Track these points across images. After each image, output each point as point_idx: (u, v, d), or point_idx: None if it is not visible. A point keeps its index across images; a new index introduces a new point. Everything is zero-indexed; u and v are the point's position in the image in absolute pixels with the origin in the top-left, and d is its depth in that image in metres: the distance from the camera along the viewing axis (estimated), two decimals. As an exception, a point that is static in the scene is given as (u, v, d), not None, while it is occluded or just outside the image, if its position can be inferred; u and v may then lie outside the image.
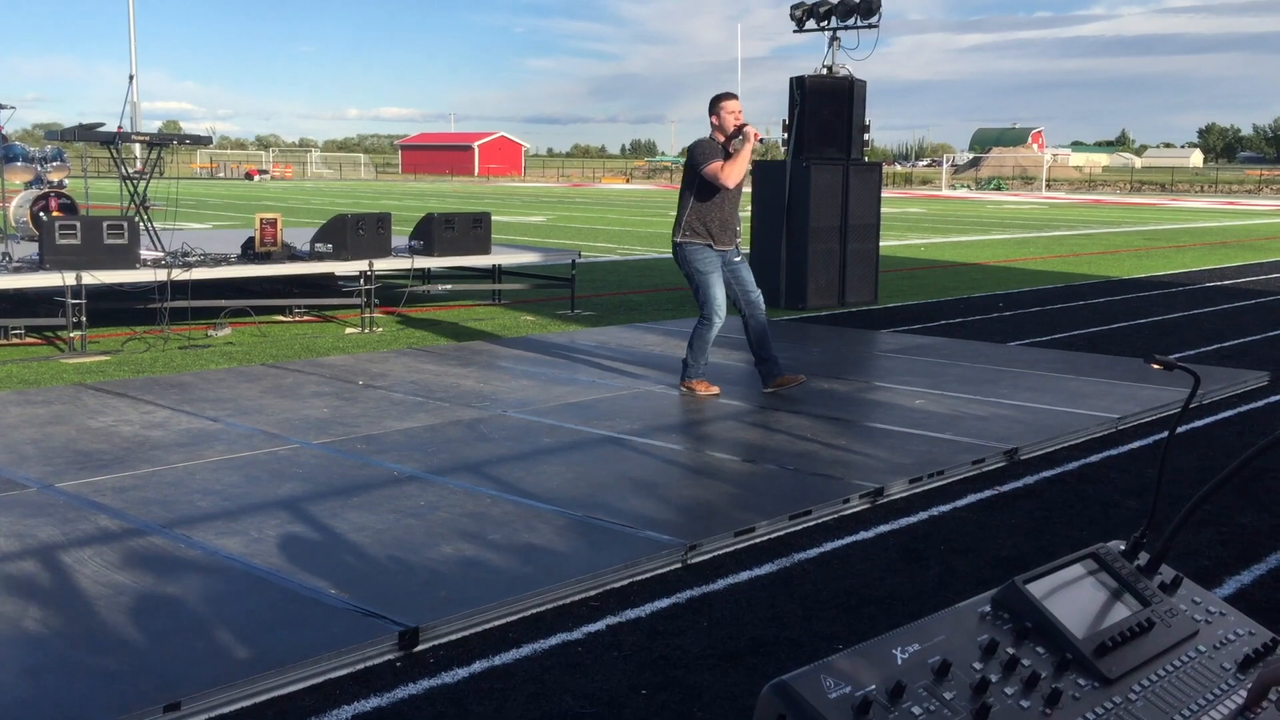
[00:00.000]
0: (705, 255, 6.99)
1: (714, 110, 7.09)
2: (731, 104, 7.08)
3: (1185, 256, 19.70)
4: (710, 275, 6.99)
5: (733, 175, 6.90)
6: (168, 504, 4.73)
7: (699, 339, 7.10)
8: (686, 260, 7.04)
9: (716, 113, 7.07)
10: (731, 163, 6.92)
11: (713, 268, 7.00)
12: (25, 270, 8.57)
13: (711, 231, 6.99)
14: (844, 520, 4.83)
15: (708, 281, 7.00)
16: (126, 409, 6.48)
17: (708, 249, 6.99)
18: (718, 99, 7.11)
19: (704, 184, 6.96)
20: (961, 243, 22.67)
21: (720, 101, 7.09)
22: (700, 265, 7.00)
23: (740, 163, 6.95)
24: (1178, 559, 1.73)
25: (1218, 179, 76.53)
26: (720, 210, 7.00)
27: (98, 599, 3.70)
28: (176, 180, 15.35)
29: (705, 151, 6.98)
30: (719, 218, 7.00)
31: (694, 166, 6.99)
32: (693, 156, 7.04)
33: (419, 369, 7.90)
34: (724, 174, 6.88)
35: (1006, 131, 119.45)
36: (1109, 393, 7.33)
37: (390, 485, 5.07)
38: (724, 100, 7.09)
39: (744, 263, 7.21)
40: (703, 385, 7.15)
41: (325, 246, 9.99)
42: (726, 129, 7.02)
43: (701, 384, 7.16)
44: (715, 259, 7.01)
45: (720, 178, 6.88)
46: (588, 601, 3.87)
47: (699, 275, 7.01)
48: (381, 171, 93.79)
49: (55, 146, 12.04)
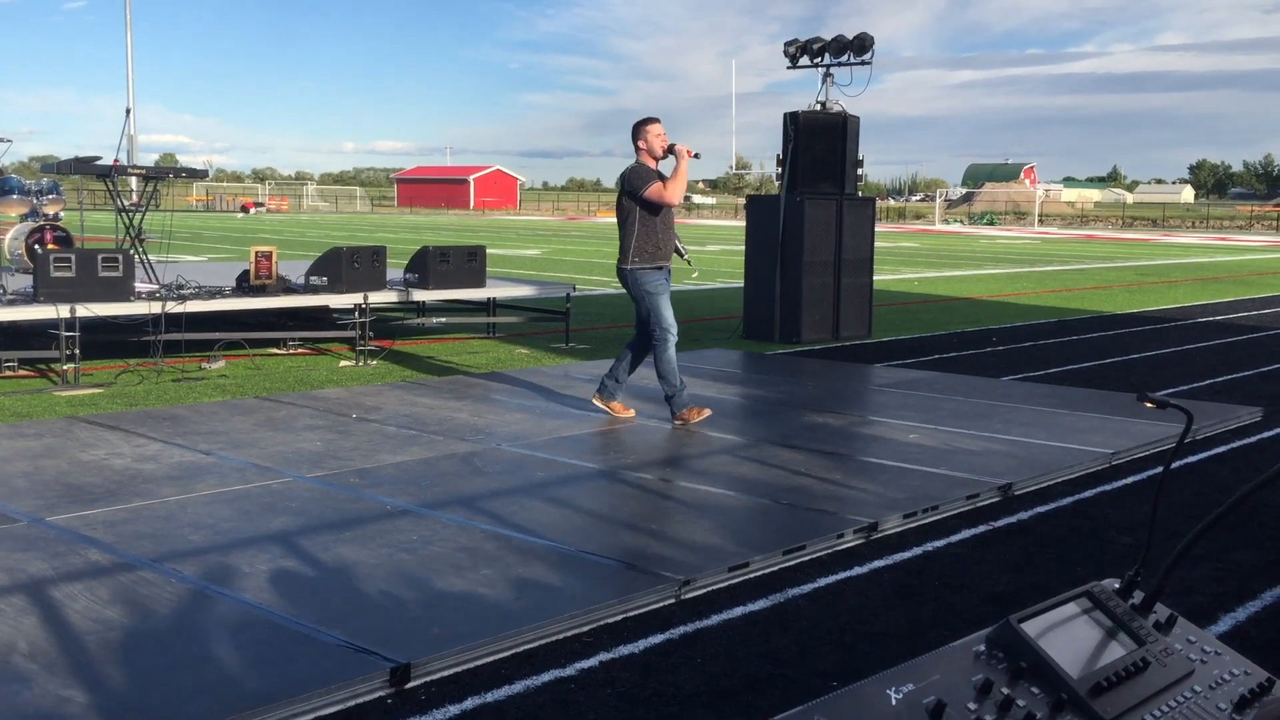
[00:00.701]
0: (654, 278, 7.22)
1: (639, 136, 7.26)
2: (656, 127, 7.25)
3: (1177, 292, 19.78)
4: (660, 297, 7.23)
5: (676, 192, 7.17)
6: (159, 538, 4.71)
7: (664, 362, 7.23)
8: (637, 284, 7.23)
9: (643, 137, 7.23)
10: (672, 181, 7.17)
11: (662, 290, 7.24)
12: (19, 303, 8.56)
13: (657, 252, 7.21)
14: (838, 555, 4.82)
15: (658, 303, 7.21)
16: (119, 442, 6.46)
17: (655, 271, 7.22)
18: (642, 124, 7.29)
19: (646, 207, 7.14)
20: (955, 277, 22.74)
21: (645, 126, 7.26)
22: (650, 287, 7.21)
23: (680, 180, 7.20)
24: (1172, 596, 1.73)
25: (1209, 215, 76.95)
26: (660, 230, 7.23)
27: (87, 634, 3.68)
28: (172, 213, 15.38)
29: (642, 175, 7.17)
30: (662, 237, 7.23)
31: (632, 192, 7.15)
32: (629, 183, 7.18)
33: (413, 402, 7.89)
34: (668, 192, 7.12)
35: (999, 167, 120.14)
36: (1102, 428, 7.33)
37: (383, 519, 5.05)
38: (649, 125, 7.26)
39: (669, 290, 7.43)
40: (693, 412, 7.26)
41: (320, 279, 10.00)
42: (655, 152, 7.21)
43: (693, 411, 7.28)
44: (663, 280, 7.25)
45: (665, 197, 7.11)
46: (581, 637, 3.85)
47: (650, 297, 7.22)
48: (377, 204, 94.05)
49: (51, 179, 12.05)
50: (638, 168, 7.21)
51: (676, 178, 7.18)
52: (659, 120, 7.31)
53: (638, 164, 7.23)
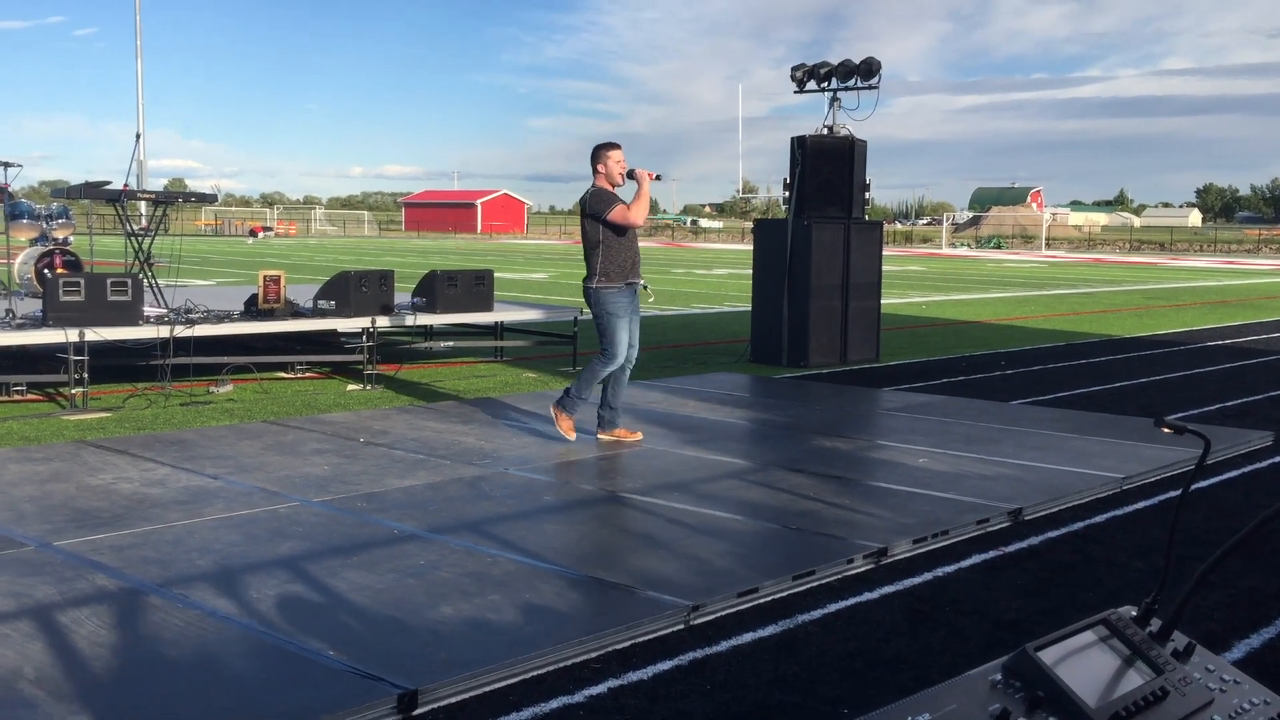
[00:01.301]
0: (617, 299, 7.32)
1: (599, 160, 7.35)
2: (617, 154, 7.37)
3: (1186, 315, 19.74)
4: (618, 319, 7.33)
5: (639, 214, 7.32)
6: (166, 563, 4.70)
7: (589, 372, 7.38)
8: (600, 304, 7.33)
9: (603, 162, 7.34)
10: (636, 203, 7.32)
11: (623, 312, 7.34)
12: (29, 327, 8.58)
13: (624, 270, 7.32)
14: (848, 581, 4.79)
15: (616, 325, 7.32)
16: (126, 466, 6.45)
17: (621, 292, 7.33)
18: (603, 149, 7.38)
19: (611, 230, 7.26)
20: (962, 301, 22.73)
21: (606, 151, 7.36)
22: (612, 309, 7.32)
23: (643, 202, 7.36)
24: (1185, 623, 1.71)
25: (1216, 238, 76.94)
26: (627, 249, 7.36)
27: (94, 660, 3.66)
28: (181, 237, 15.44)
29: (604, 199, 7.28)
30: (629, 257, 7.36)
31: (596, 215, 7.27)
32: (591, 206, 7.30)
33: (420, 426, 7.89)
34: (632, 214, 7.26)
35: (1006, 191, 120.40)
36: (1113, 452, 7.30)
37: (390, 544, 5.03)
38: (610, 150, 7.36)
39: (638, 314, 7.55)
40: (568, 423, 7.43)
41: (328, 303, 10.01)
42: (614, 179, 7.34)
43: (568, 421, 7.43)
44: (626, 303, 7.36)
45: (629, 219, 7.25)
46: (589, 663, 3.82)
47: (609, 318, 7.33)
48: (385, 228, 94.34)
49: (61, 204, 12.11)
50: (597, 191, 7.32)
51: (639, 200, 7.34)
52: (620, 146, 7.41)
53: (596, 188, 7.34)
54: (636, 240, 7.48)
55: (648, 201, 7.41)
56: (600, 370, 7.38)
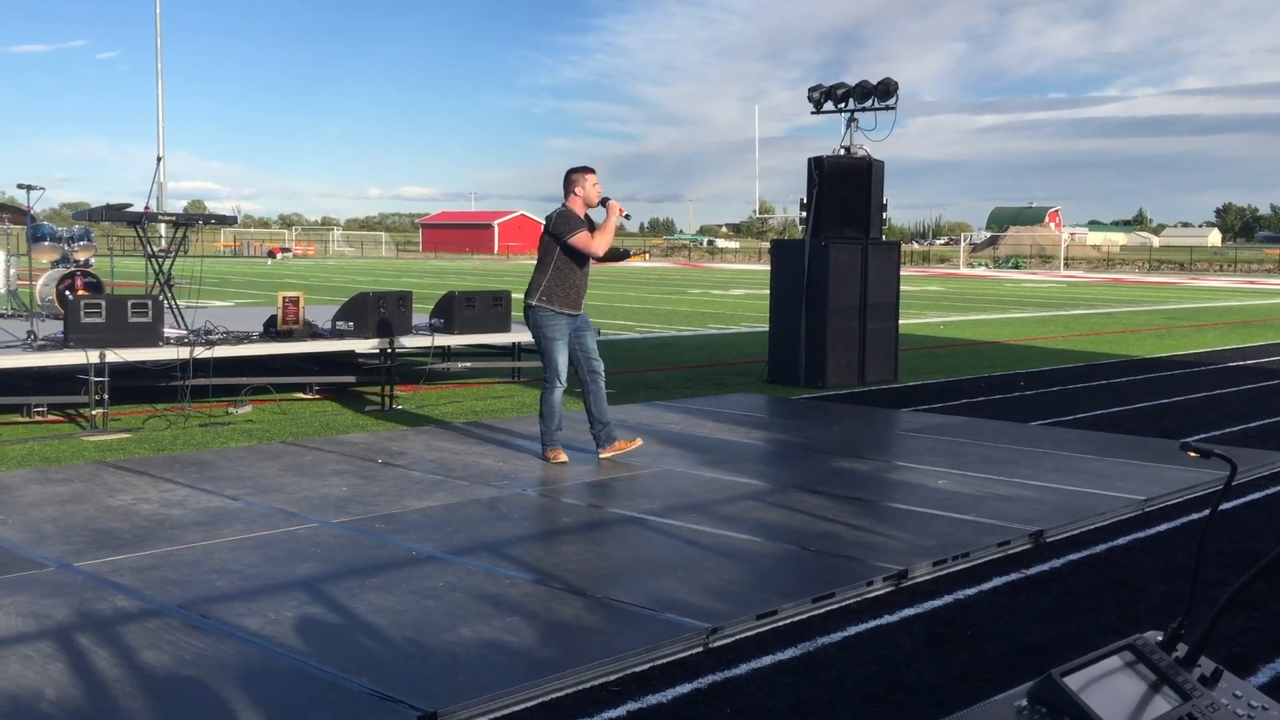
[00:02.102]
0: (556, 322, 7.27)
1: (576, 184, 7.28)
2: (594, 178, 7.30)
3: (1206, 336, 19.63)
4: (557, 342, 7.28)
5: (601, 245, 7.24)
6: (185, 584, 4.71)
7: (544, 404, 7.36)
8: (538, 325, 7.30)
9: (580, 185, 7.27)
10: (600, 233, 7.25)
11: (560, 335, 7.28)
12: (50, 348, 8.65)
13: (568, 299, 7.26)
14: (867, 603, 4.76)
15: (554, 349, 7.28)
16: (146, 487, 6.48)
17: (559, 316, 7.27)
18: (578, 172, 7.31)
19: (567, 253, 7.20)
20: (981, 321, 22.67)
21: (584, 174, 7.30)
22: (550, 332, 7.27)
23: (608, 233, 7.27)
24: (1211, 647, 1.69)
25: (1236, 258, 76.54)
26: (577, 278, 7.28)
27: (114, 681, 3.67)
28: (201, 258, 15.54)
29: (570, 222, 7.20)
30: (576, 286, 7.28)
31: (557, 235, 7.19)
32: (556, 225, 7.21)
33: (438, 447, 7.89)
34: (595, 243, 7.20)
35: (1023, 210, 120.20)
36: (1134, 474, 7.25)
37: (409, 565, 5.03)
38: (586, 174, 7.30)
39: (590, 330, 7.51)
40: (559, 453, 7.36)
41: (346, 324, 10.05)
42: (591, 201, 7.28)
43: (559, 452, 7.36)
44: (564, 327, 7.29)
45: (591, 248, 7.18)
46: (608, 686, 3.81)
47: (547, 341, 7.29)
48: (402, 249, 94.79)
49: (83, 226, 12.21)
50: (565, 212, 7.25)
51: (605, 231, 7.26)
52: (595, 171, 7.35)
53: (565, 208, 7.27)
54: (586, 273, 7.36)
55: (612, 234, 7.30)
56: (547, 396, 7.33)
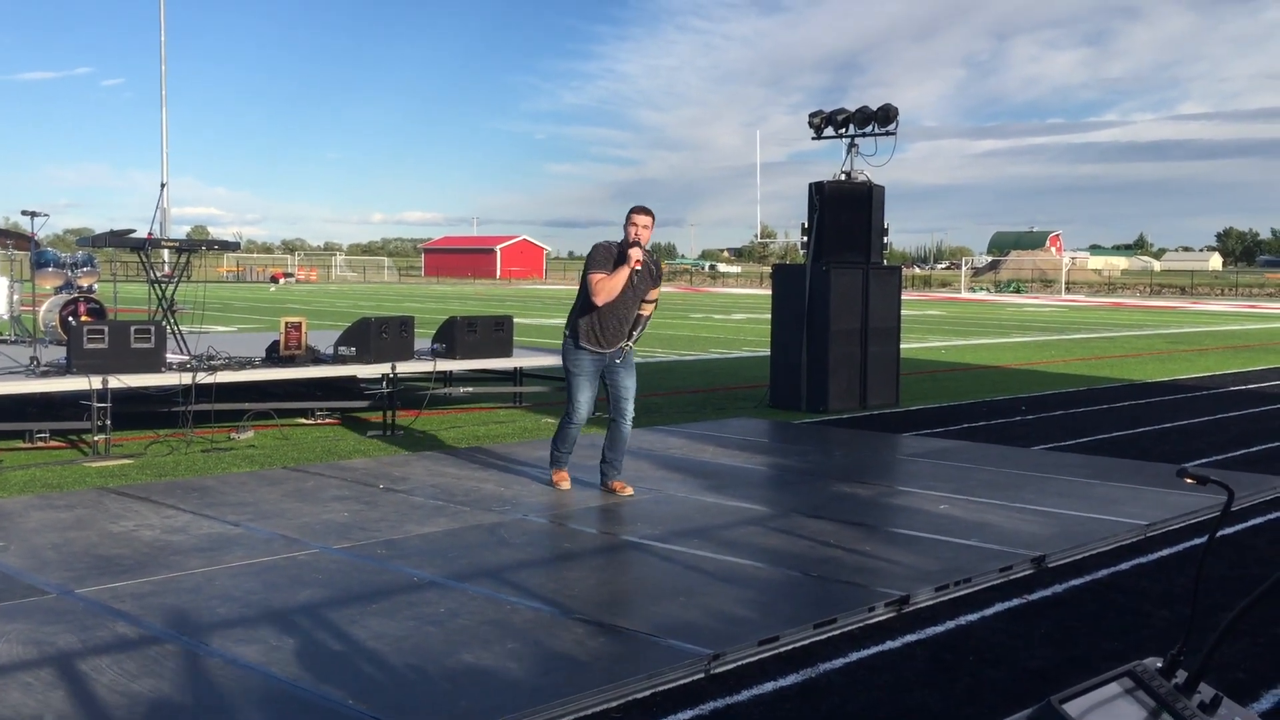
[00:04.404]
0: (579, 358, 7.06)
1: (627, 220, 7.05)
2: (642, 219, 7.02)
3: (1208, 360, 19.63)
4: (579, 378, 7.07)
5: (601, 294, 6.89)
6: (186, 611, 4.70)
7: (559, 433, 7.30)
8: (564, 356, 7.16)
9: (628, 223, 7.02)
10: (606, 279, 6.90)
11: (583, 371, 7.06)
12: (53, 374, 8.66)
13: (594, 334, 7.01)
14: (870, 629, 4.75)
15: (576, 384, 7.09)
16: (148, 513, 6.48)
17: (584, 352, 7.04)
18: (632, 211, 7.04)
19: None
20: (982, 345, 22.67)
21: (633, 214, 7.02)
22: (572, 366, 7.10)
23: (614, 282, 6.90)
24: (1211, 673, 1.69)
25: (1238, 282, 76.64)
26: (604, 315, 6.99)
27: (114, 708, 3.66)
28: (205, 284, 15.58)
29: (596, 258, 6.99)
30: (603, 323, 7.00)
31: (585, 269, 7.02)
32: (588, 258, 7.04)
33: (440, 472, 7.89)
34: (595, 289, 6.88)
35: (1024, 235, 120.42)
36: (1136, 499, 7.24)
37: (410, 591, 5.03)
38: (635, 214, 7.02)
39: (628, 369, 7.18)
40: (564, 477, 7.37)
41: (349, 349, 10.07)
42: (629, 240, 7.00)
43: (564, 476, 7.37)
44: (587, 363, 7.06)
45: (594, 290, 6.89)
46: (609, 713, 3.80)
47: (570, 375, 7.13)
48: (405, 274, 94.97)
49: (86, 252, 12.26)
50: (603, 246, 7.03)
51: (613, 278, 6.91)
52: (649, 213, 7.09)
53: (606, 242, 7.05)
54: (621, 310, 7.01)
55: (617, 285, 6.91)
56: (563, 425, 7.20)
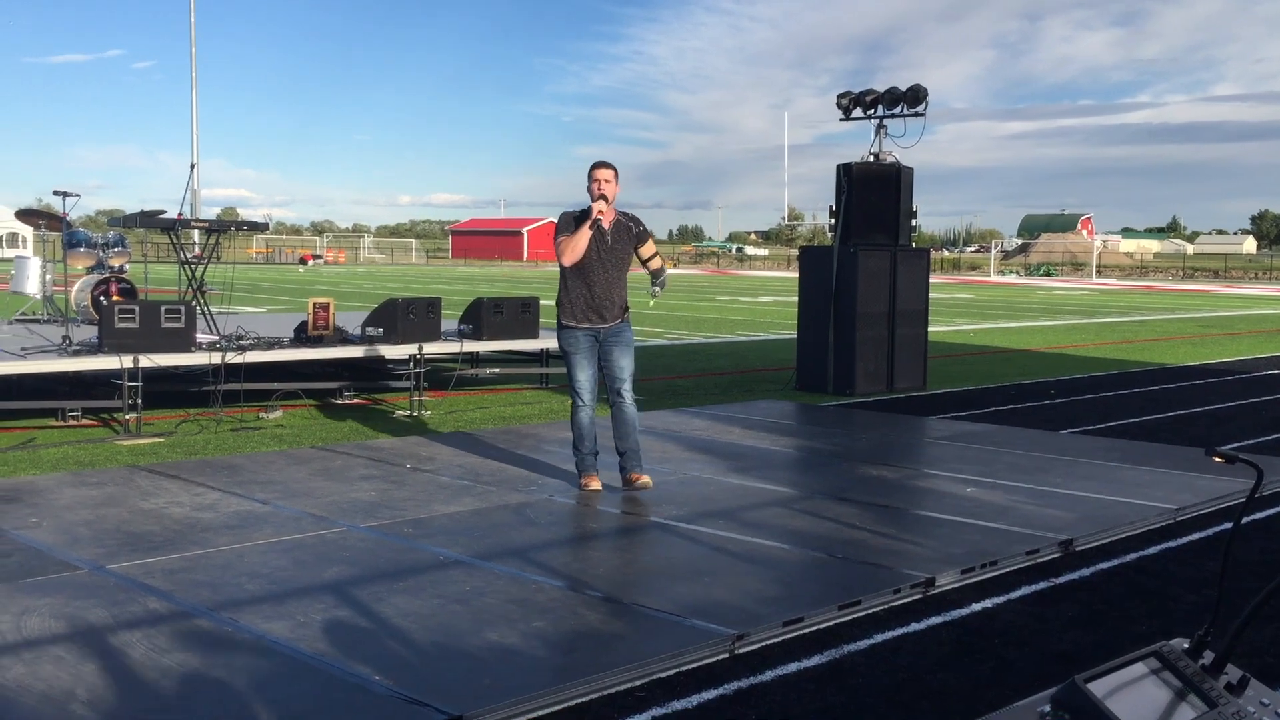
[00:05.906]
0: (568, 336, 6.62)
1: (589, 178, 6.57)
2: (601, 173, 6.53)
3: (1241, 344, 19.42)
4: (574, 356, 6.61)
5: (567, 254, 6.46)
6: (216, 587, 4.75)
7: (573, 425, 6.71)
8: (558, 339, 6.71)
9: (590, 179, 6.56)
10: (568, 239, 6.47)
11: (574, 349, 6.60)
12: (84, 353, 8.75)
13: (574, 310, 6.58)
14: (894, 611, 4.74)
15: (569, 363, 6.64)
16: (178, 491, 6.54)
17: (568, 330, 6.61)
18: (592, 167, 6.58)
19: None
20: (1011, 328, 22.52)
21: (592, 170, 6.57)
22: (565, 345, 6.65)
23: (576, 240, 6.44)
24: (1239, 656, 1.68)
25: (1272, 266, 75.69)
26: (580, 287, 6.55)
27: (145, 682, 3.70)
28: (234, 265, 15.68)
29: (561, 224, 6.58)
30: (581, 295, 6.55)
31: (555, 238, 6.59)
32: (555, 228, 6.64)
33: (466, 452, 7.93)
34: (561, 251, 6.48)
35: (1055, 217, 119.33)
36: (1165, 483, 7.19)
37: (436, 570, 5.06)
38: (593, 169, 6.56)
39: (623, 347, 6.68)
40: (591, 480, 6.71)
41: (376, 330, 10.11)
42: (593, 197, 6.53)
43: (591, 479, 6.71)
44: (578, 341, 6.59)
45: (559, 254, 6.51)
46: (634, 691, 3.81)
47: (565, 355, 6.67)
48: (432, 256, 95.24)
49: (117, 233, 12.36)
50: (567, 212, 6.61)
51: (575, 236, 6.46)
52: (607, 166, 6.59)
53: (571, 208, 6.62)
54: (601, 281, 6.53)
55: (582, 243, 6.43)
56: (574, 417, 6.65)
